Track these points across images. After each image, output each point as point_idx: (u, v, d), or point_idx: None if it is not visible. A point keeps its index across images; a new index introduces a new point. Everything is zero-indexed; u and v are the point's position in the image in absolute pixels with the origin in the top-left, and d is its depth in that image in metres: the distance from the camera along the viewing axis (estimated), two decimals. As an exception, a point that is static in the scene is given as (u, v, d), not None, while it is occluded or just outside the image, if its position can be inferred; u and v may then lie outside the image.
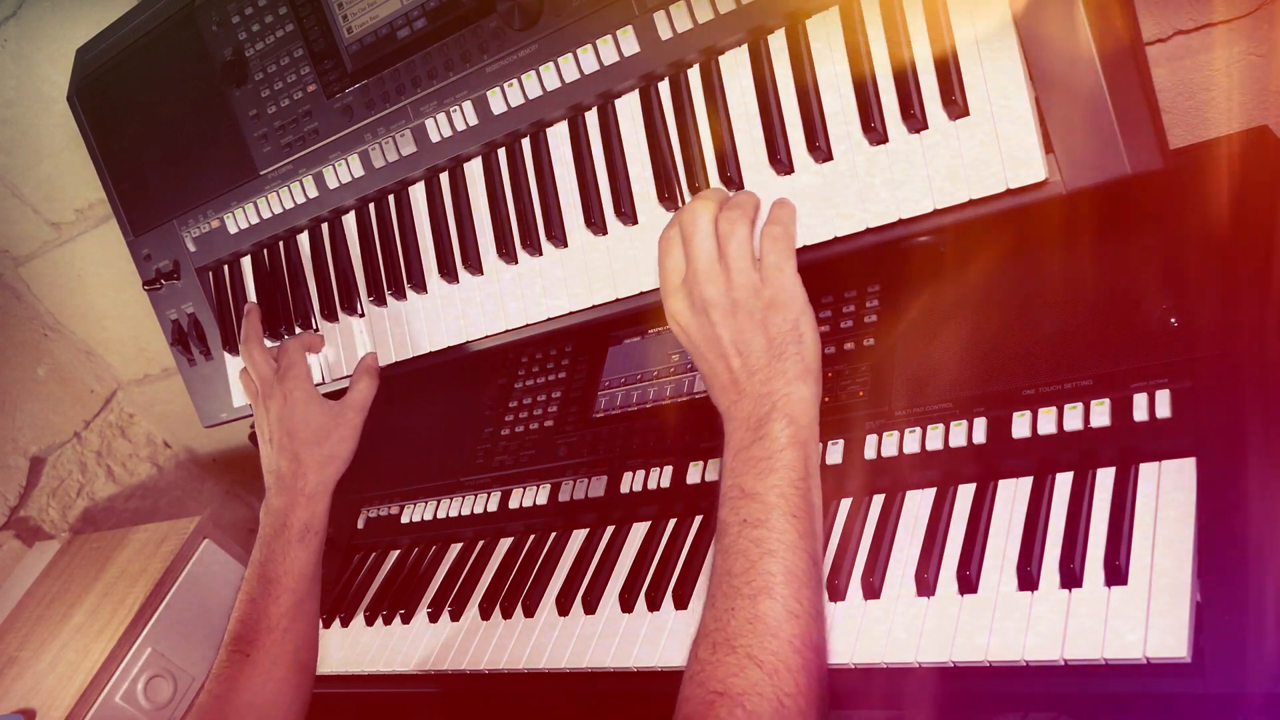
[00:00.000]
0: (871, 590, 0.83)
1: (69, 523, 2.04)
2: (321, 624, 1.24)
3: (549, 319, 1.06)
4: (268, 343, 1.25)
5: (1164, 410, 0.79)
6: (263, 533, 1.12)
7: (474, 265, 1.10)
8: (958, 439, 0.87)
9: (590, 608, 1.00)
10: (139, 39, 1.28)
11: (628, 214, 0.99)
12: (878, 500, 0.91)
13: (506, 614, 1.06)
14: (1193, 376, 0.79)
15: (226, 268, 1.33)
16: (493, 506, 1.18)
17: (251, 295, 1.31)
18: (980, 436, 0.86)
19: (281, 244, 1.28)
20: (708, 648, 0.75)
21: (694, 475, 1.02)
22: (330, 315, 1.23)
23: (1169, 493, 0.76)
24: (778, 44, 0.90)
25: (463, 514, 1.21)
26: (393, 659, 1.12)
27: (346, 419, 1.16)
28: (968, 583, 0.79)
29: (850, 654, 0.80)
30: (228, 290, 1.33)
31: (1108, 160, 0.77)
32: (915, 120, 0.83)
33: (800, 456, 0.81)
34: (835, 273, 1.04)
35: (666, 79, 0.97)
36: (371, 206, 1.19)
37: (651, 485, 1.05)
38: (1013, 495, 0.84)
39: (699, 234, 0.87)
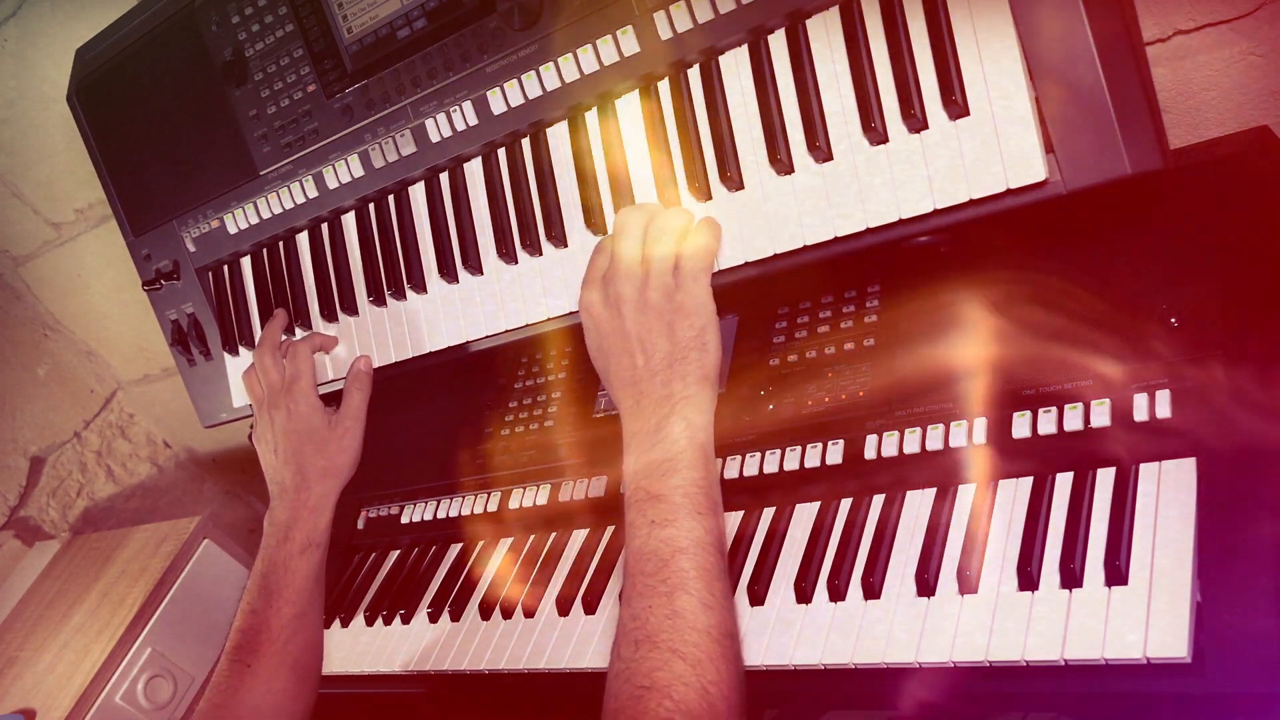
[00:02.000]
0: (871, 590, 0.83)
1: (69, 523, 2.04)
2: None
3: (549, 319, 1.06)
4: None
5: (1164, 410, 0.79)
6: (266, 543, 1.13)
7: (474, 265, 1.10)
8: (958, 439, 0.87)
9: (590, 608, 1.00)
10: (139, 39, 1.28)
11: (628, 214, 0.99)
12: (878, 500, 0.91)
13: (506, 614, 1.06)
14: (1193, 376, 0.79)
15: (226, 268, 1.33)
16: (493, 506, 1.18)
17: (251, 295, 1.32)
18: (980, 436, 0.86)
19: (281, 244, 1.28)
20: (630, 645, 0.77)
21: (694, 475, 1.02)
22: (330, 315, 1.23)
23: (1169, 493, 0.76)
24: (778, 44, 0.90)
25: (463, 514, 1.21)
26: (393, 659, 1.12)
27: (345, 428, 1.18)
28: (967, 583, 0.79)
29: (850, 654, 0.80)
30: (227, 290, 1.33)
31: (1108, 160, 0.77)
32: (915, 120, 0.83)
33: (700, 456, 0.85)
34: (835, 273, 1.04)
35: (666, 79, 0.97)
36: (371, 206, 1.19)
37: (651, 485, 1.05)
38: (1013, 495, 0.84)
39: (627, 236, 0.92)
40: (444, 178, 1.13)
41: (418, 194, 1.15)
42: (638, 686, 0.74)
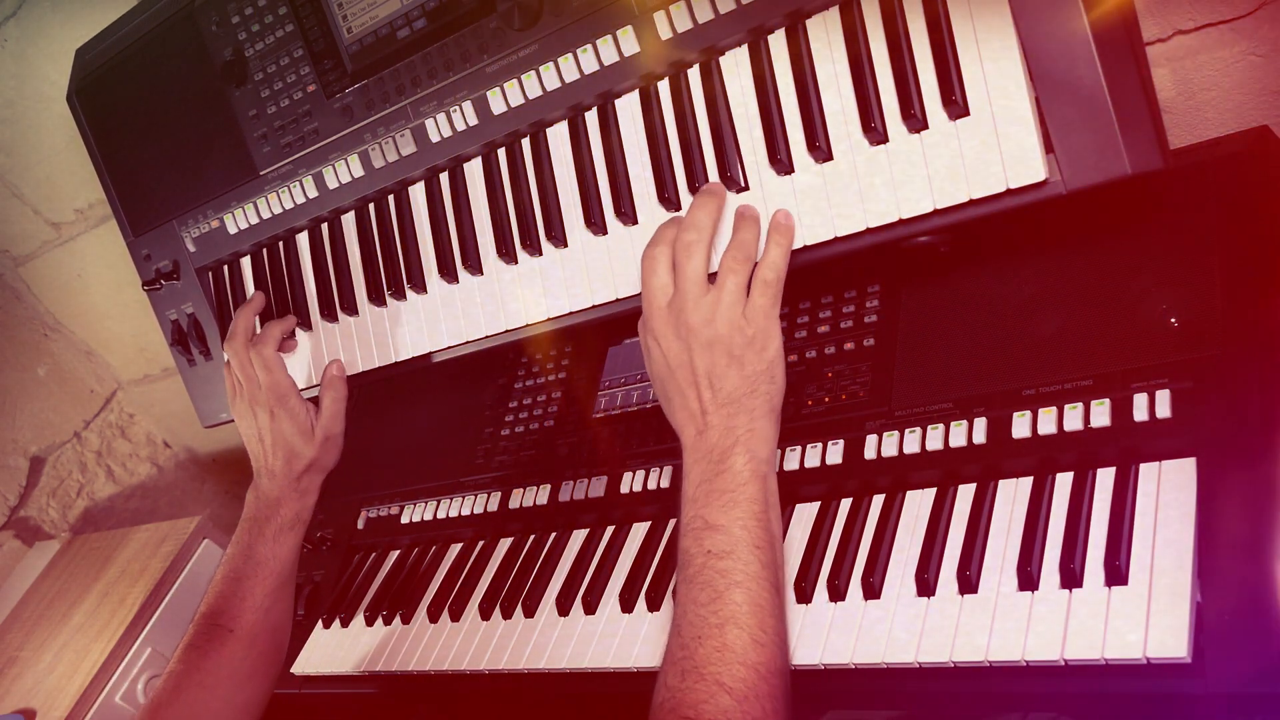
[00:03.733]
0: (871, 590, 0.83)
1: (69, 523, 2.04)
2: (321, 624, 1.24)
3: (549, 319, 1.06)
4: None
5: (1164, 410, 0.79)
6: (252, 515, 1.14)
7: (474, 265, 1.10)
8: (958, 439, 0.87)
9: (590, 608, 1.00)
10: (139, 39, 1.28)
11: (628, 214, 0.99)
12: (878, 500, 0.91)
13: (506, 614, 1.06)
14: (1193, 376, 0.79)
15: (226, 268, 1.33)
16: (493, 506, 1.18)
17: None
18: (980, 436, 0.86)
19: (281, 244, 1.28)
20: (676, 675, 0.76)
21: (694, 475, 1.02)
22: (330, 315, 1.23)
23: (1169, 493, 0.76)
24: (778, 44, 0.90)
25: (463, 514, 1.21)
26: (393, 659, 1.12)
27: (327, 431, 1.17)
28: (968, 583, 0.79)
29: (850, 654, 0.80)
30: (227, 290, 1.33)
31: (1108, 160, 0.77)
32: (915, 120, 0.83)
33: (762, 490, 0.83)
34: (835, 273, 1.04)
35: (666, 79, 0.97)
36: (371, 207, 1.19)
37: (651, 485, 1.05)
38: (1013, 495, 0.84)
39: (693, 261, 0.88)
40: (444, 178, 1.13)
41: (418, 194, 1.15)
42: (682, 718, 0.73)
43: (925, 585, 0.81)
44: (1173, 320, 0.82)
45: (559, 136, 1.04)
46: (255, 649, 1.08)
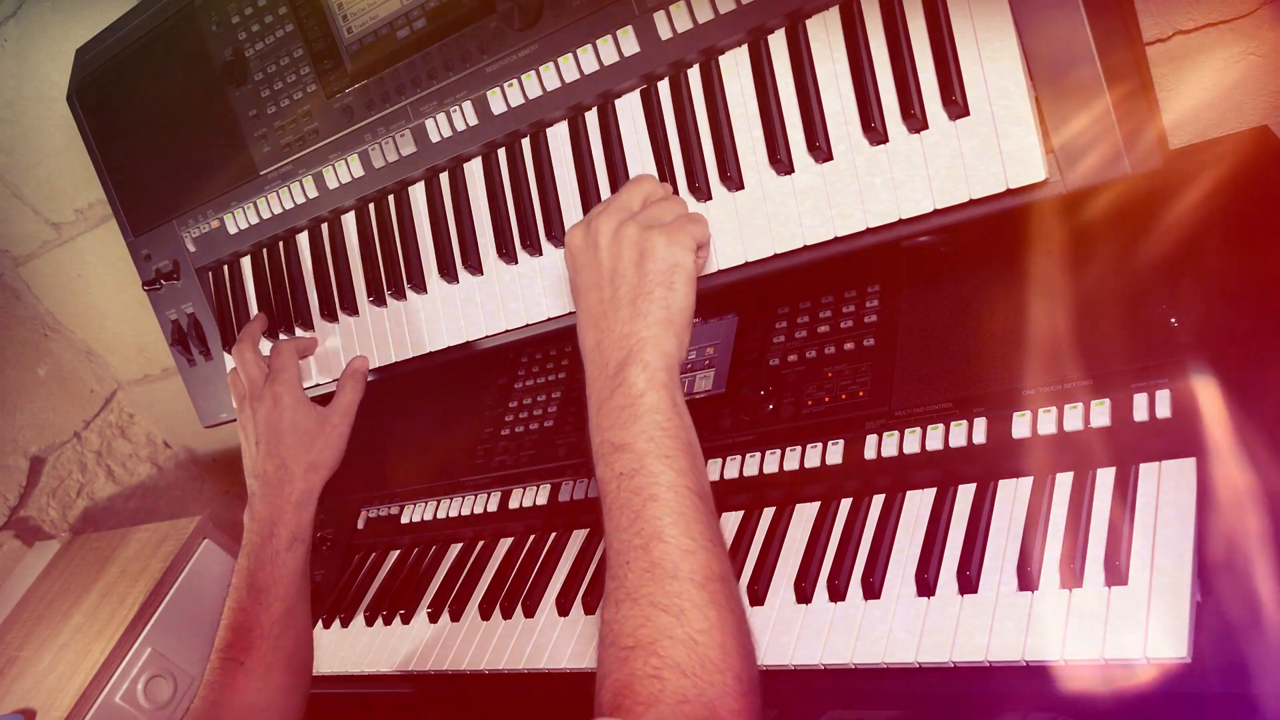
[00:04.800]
0: (871, 590, 0.83)
1: (69, 523, 2.04)
2: (321, 624, 1.24)
3: (549, 319, 1.06)
4: (264, 345, 1.25)
5: (1164, 410, 0.79)
6: (249, 540, 1.11)
7: (474, 265, 1.10)
8: (958, 439, 0.87)
9: (590, 608, 1.00)
10: (139, 39, 1.28)
11: (628, 214, 0.99)
12: (878, 500, 0.91)
13: (506, 614, 1.06)
14: (1193, 376, 0.79)
15: (226, 268, 1.33)
16: (493, 506, 1.18)
17: (251, 295, 1.32)
18: (980, 436, 0.86)
19: (281, 244, 1.28)
20: (612, 607, 0.74)
21: (694, 475, 1.02)
22: (330, 315, 1.23)
23: (1169, 493, 0.76)
24: (778, 44, 0.90)
25: (463, 514, 1.21)
26: (393, 659, 1.12)
27: (332, 424, 1.17)
28: (968, 583, 0.79)
29: (850, 654, 0.80)
30: (227, 290, 1.33)
31: (1108, 160, 0.77)
32: (915, 120, 0.83)
33: (663, 398, 0.81)
34: (835, 273, 1.04)
35: (666, 79, 0.97)
36: (371, 206, 1.19)
37: (651, 485, 1.05)
38: (1013, 495, 0.84)
39: (636, 188, 0.92)
40: (444, 178, 1.13)
41: (418, 194, 1.15)
42: (622, 648, 0.71)
43: (925, 585, 0.81)
44: (1173, 320, 0.82)
45: (559, 136, 1.04)
46: (272, 680, 1.04)
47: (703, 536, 0.75)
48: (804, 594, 0.87)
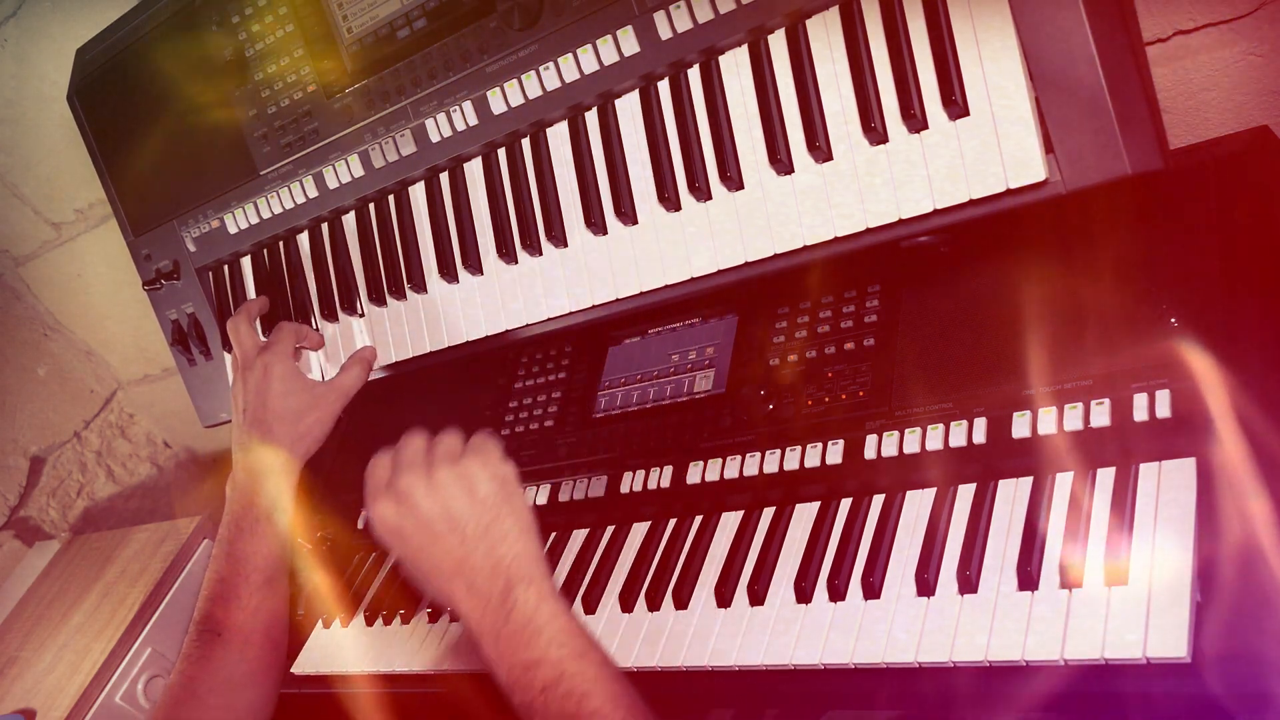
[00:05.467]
0: (871, 590, 0.83)
1: (69, 523, 2.04)
2: (321, 624, 1.24)
3: (549, 319, 1.06)
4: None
5: (1164, 410, 0.79)
6: (230, 509, 1.11)
7: (474, 265, 1.10)
8: (958, 439, 0.87)
9: (590, 608, 1.00)
10: (139, 39, 1.28)
11: (628, 214, 0.99)
12: (878, 500, 0.91)
13: (506, 614, 1.06)
14: (1193, 376, 0.79)
15: (226, 268, 1.33)
16: (493, 506, 1.18)
17: (251, 295, 1.31)
18: (980, 436, 0.86)
19: (281, 244, 1.28)
20: None
21: (694, 475, 1.02)
22: (330, 315, 1.23)
23: (1169, 493, 0.76)
24: (778, 44, 0.90)
25: (463, 514, 1.21)
26: (393, 659, 1.12)
27: (327, 400, 1.16)
28: (968, 583, 0.79)
29: (850, 654, 0.80)
30: (228, 290, 1.33)
31: (1108, 160, 0.77)
32: (915, 120, 0.83)
33: (556, 605, 0.82)
34: (835, 273, 1.04)
35: (666, 79, 0.97)
36: (371, 206, 1.19)
37: (651, 485, 1.05)
38: (1013, 495, 0.84)
39: (410, 444, 0.90)
40: (444, 178, 1.13)
41: (418, 194, 1.15)
42: None
43: (925, 585, 0.81)
44: (1173, 320, 0.82)
45: (559, 136, 1.04)
46: (249, 652, 1.05)
47: (643, 715, 0.77)
48: (804, 594, 0.87)
